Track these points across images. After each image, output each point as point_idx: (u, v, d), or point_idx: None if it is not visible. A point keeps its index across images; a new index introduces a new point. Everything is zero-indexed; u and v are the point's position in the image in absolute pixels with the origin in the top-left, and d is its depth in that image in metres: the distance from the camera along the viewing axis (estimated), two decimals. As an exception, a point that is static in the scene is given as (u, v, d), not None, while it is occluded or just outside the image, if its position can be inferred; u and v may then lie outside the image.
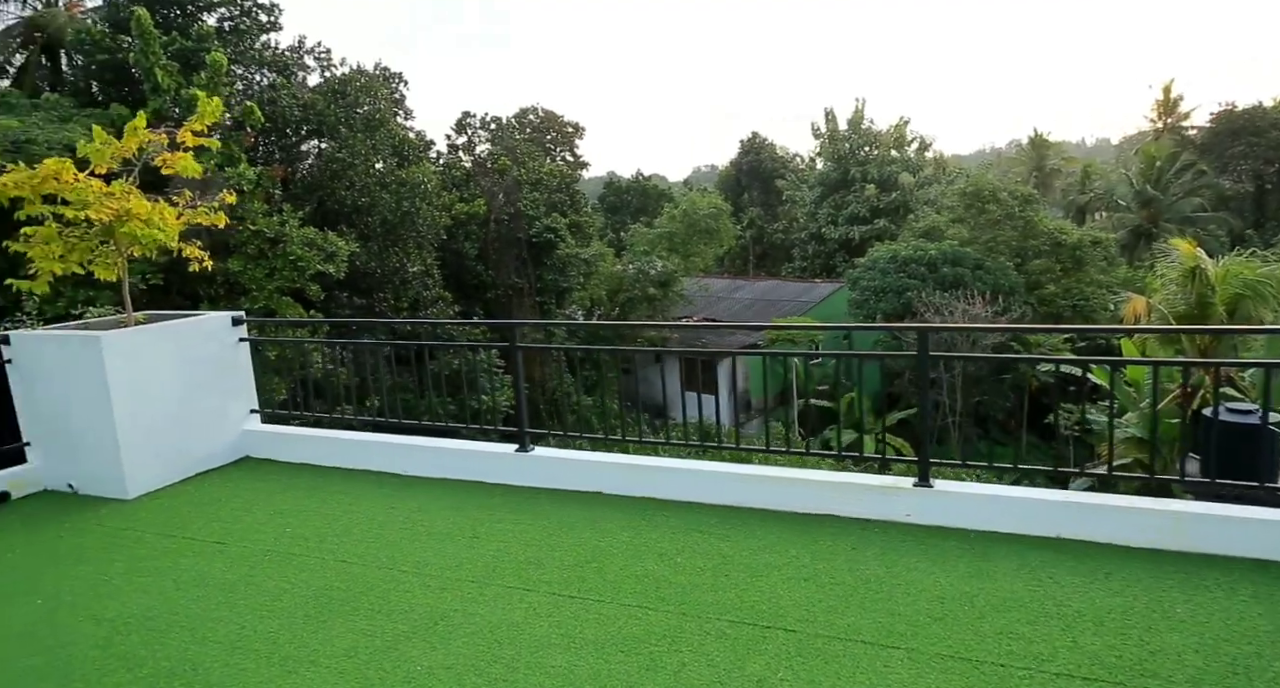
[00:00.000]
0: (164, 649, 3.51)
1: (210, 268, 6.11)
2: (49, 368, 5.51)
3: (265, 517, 4.99)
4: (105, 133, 5.66)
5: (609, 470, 5.04)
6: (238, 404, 6.11)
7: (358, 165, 19.27)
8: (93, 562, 4.49)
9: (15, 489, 5.61)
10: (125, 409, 5.33)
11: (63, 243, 5.31)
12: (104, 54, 16.63)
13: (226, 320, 6.01)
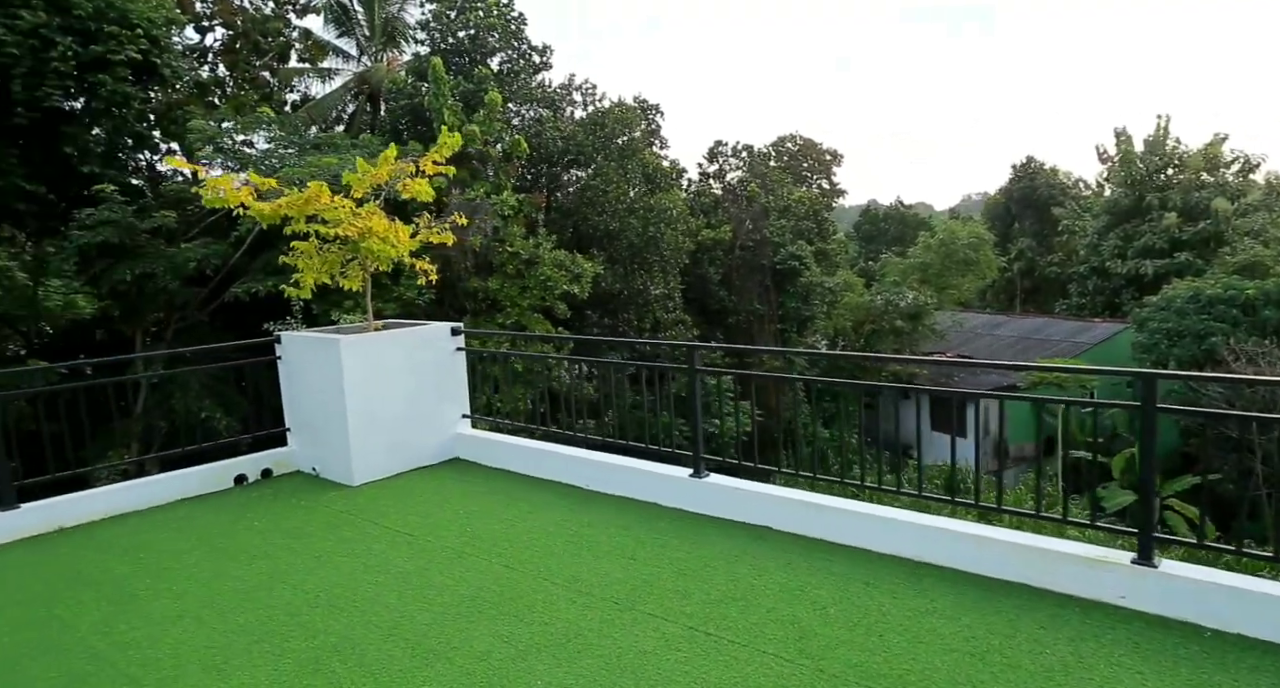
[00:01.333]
0: (336, 625, 3.85)
1: (435, 281, 6.71)
2: (304, 365, 6.37)
3: (454, 516, 5.34)
4: (366, 163, 6.48)
5: (780, 506, 4.77)
6: (452, 408, 6.65)
7: (610, 192, 20.41)
8: (311, 538, 5.07)
9: (276, 467, 6.53)
10: (357, 406, 6.01)
11: (320, 257, 6.13)
12: (406, 99, 19.19)
13: (446, 330, 6.57)
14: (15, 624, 4.03)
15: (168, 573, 4.59)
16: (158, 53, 17.96)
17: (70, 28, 16.76)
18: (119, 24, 16.98)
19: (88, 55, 16.71)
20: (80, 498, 5.62)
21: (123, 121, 18.98)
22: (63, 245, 17.17)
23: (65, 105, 16.97)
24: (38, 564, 4.85)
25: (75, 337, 20.75)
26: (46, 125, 17.18)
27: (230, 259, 17.00)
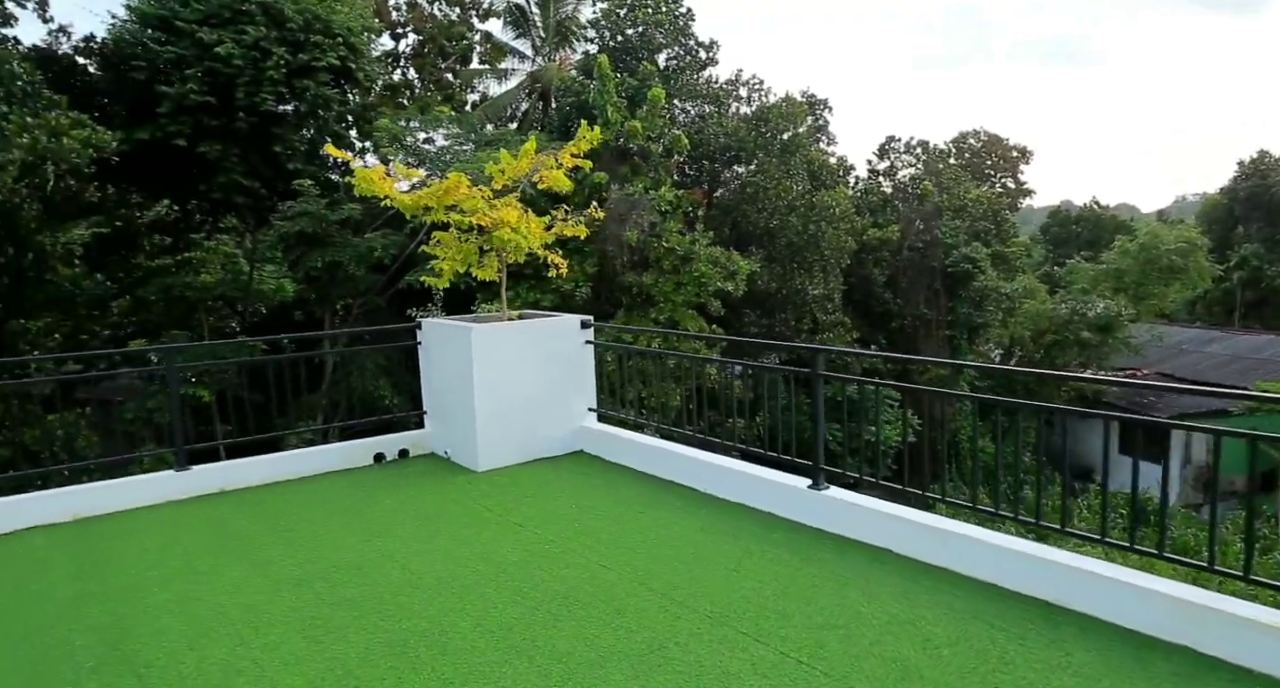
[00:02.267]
0: (430, 609, 3.90)
1: (564, 274, 6.73)
2: (440, 352, 6.60)
3: (565, 509, 5.32)
4: (508, 155, 6.61)
5: (902, 527, 4.36)
6: (579, 401, 6.66)
7: (771, 189, 19.97)
8: (429, 520, 5.22)
9: (413, 448, 6.82)
10: (485, 393, 6.14)
11: (457, 246, 6.32)
12: (573, 96, 19.68)
13: (576, 323, 6.58)
14: (164, 578, 4.40)
15: (298, 542, 4.86)
16: (354, 59, 19.45)
17: (284, 39, 18.49)
18: (323, 34, 18.53)
19: (296, 63, 18.37)
20: (242, 464, 6.12)
21: (324, 122, 20.74)
22: (270, 235, 19.05)
23: (277, 109, 18.74)
24: (195, 523, 5.29)
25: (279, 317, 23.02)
26: (262, 128, 19.07)
27: (406, 249, 18.14)
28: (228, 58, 17.65)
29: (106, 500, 5.54)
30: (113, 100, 19.39)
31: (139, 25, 18.87)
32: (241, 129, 18.45)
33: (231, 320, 22.50)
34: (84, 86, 19.64)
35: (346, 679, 3.28)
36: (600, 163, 18.46)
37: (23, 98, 15.49)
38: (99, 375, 20.28)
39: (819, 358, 4.77)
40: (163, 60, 18.16)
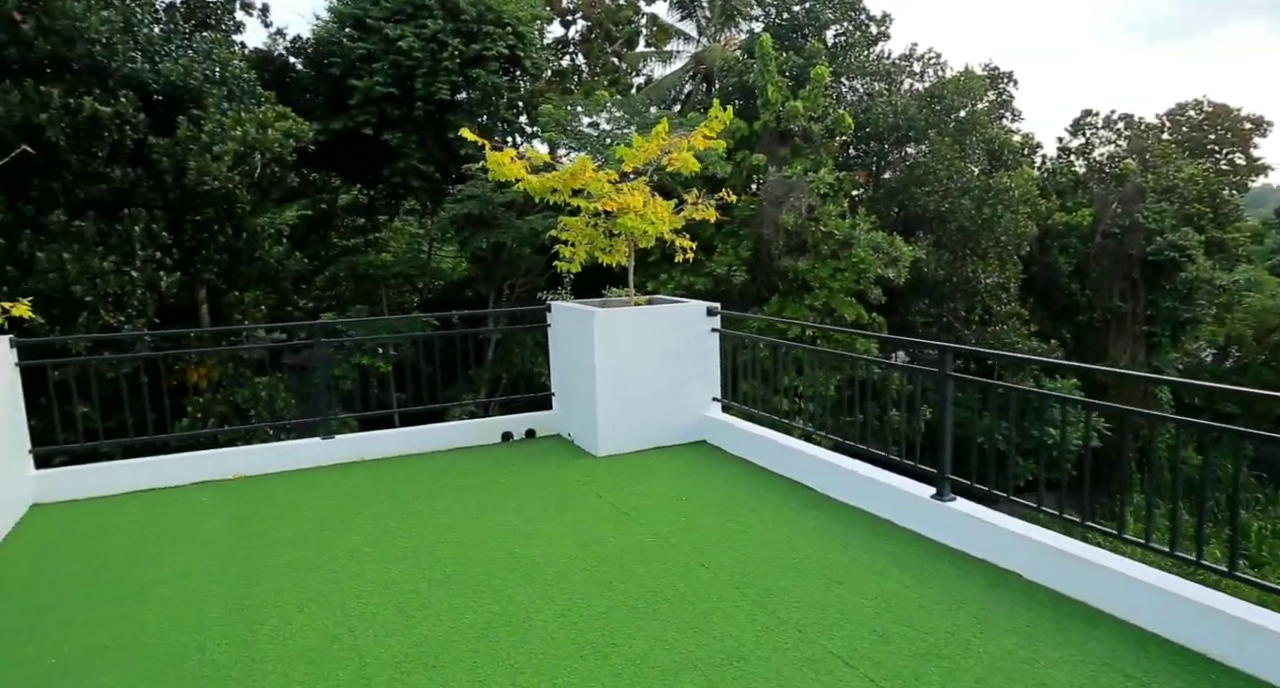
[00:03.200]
0: (521, 594, 3.92)
1: (691, 260, 6.56)
2: (567, 334, 6.66)
3: (674, 501, 5.20)
4: (640, 138, 6.53)
5: (1035, 550, 3.88)
6: (703, 390, 6.50)
7: (941, 171, 18.71)
8: (540, 503, 5.28)
9: (540, 429, 6.96)
10: (606, 377, 6.13)
11: (585, 231, 6.32)
12: (735, 77, 19.32)
13: (702, 310, 6.41)
14: (293, 539, 4.73)
15: (414, 515, 5.07)
16: (523, 47, 20.10)
17: (458, 30, 19.41)
18: (494, 24, 19.27)
19: (469, 53, 19.25)
20: (379, 436, 6.49)
21: (496, 109, 21.63)
22: (441, 217, 20.19)
23: (451, 97, 19.76)
24: (332, 490, 5.66)
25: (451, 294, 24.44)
26: (437, 115, 20.19)
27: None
28: (408, 51, 18.78)
29: (262, 462, 6.05)
30: (314, 94, 21.19)
31: (337, 25, 20.49)
32: (419, 117, 19.61)
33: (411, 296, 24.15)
34: (292, 83, 21.60)
35: (427, 658, 3.35)
36: (759, 145, 18.05)
37: (240, 95, 17.23)
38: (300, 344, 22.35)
39: (947, 357, 4.34)
40: (355, 56, 19.61)
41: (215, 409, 17.58)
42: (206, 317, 18.82)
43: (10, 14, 14.63)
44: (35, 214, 15.28)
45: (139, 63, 15.70)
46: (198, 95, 16.06)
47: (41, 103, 14.46)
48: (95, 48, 14.85)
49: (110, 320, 15.36)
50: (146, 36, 16.00)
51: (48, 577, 4.28)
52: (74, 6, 14.58)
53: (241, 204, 17.79)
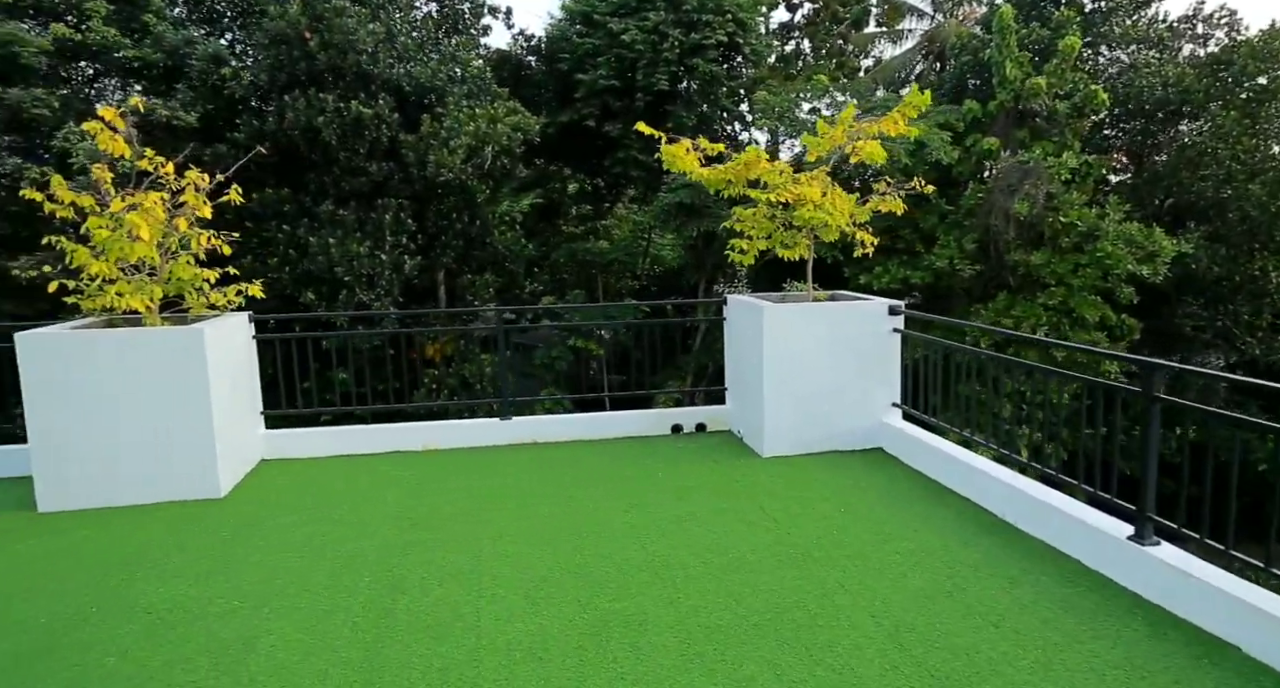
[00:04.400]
0: (644, 595, 3.86)
1: (870, 254, 6.09)
2: (741, 328, 6.48)
3: (831, 513, 4.87)
4: (825, 126, 6.17)
5: (1264, 621, 3.16)
6: (881, 394, 6.04)
7: (1223, 151, 16.01)
8: (692, 501, 5.16)
9: (711, 424, 6.85)
10: (774, 375, 5.89)
11: (755, 223, 6.09)
12: (970, 55, 17.80)
13: (884, 309, 5.94)
14: (455, 514, 5.01)
15: (568, 501, 5.18)
16: (742, 35, 19.89)
17: (679, 20, 19.61)
18: (714, 12, 19.24)
19: (689, 43, 19.39)
20: (552, 420, 6.73)
21: (714, 98, 21.66)
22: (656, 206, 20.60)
23: (669, 88, 20.03)
24: (502, 469, 5.93)
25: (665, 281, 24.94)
26: (656, 106, 20.57)
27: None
28: (631, 44, 19.26)
29: (447, 437, 6.50)
30: (545, 90, 22.44)
31: (568, 22, 21.50)
32: (639, 108, 20.06)
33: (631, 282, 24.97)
34: (526, 79, 23.01)
35: (537, 648, 3.39)
36: (994, 127, 16.51)
37: (476, 93, 18.65)
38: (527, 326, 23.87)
39: (1155, 376, 3.64)
40: (582, 51, 20.48)
41: (447, 382, 19.30)
42: (444, 297, 20.64)
43: (302, 32, 16.82)
44: (310, 204, 17.55)
45: (396, 68, 17.47)
46: (441, 95, 17.57)
47: (320, 108, 16.53)
48: (362, 57, 16.70)
49: (364, 298, 17.31)
50: (404, 44, 17.74)
51: (258, 524, 4.86)
52: (348, 22, 16.49)
53: (480, 194, 19.28)
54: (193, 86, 17.06)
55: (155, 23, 17.16)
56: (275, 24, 16.71)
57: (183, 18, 20.43)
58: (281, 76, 16.89)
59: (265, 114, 17.11)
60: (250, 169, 17.85)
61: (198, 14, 20.46)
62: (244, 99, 17.15)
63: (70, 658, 3.38)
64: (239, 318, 5.97)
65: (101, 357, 5.09)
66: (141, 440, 5.18)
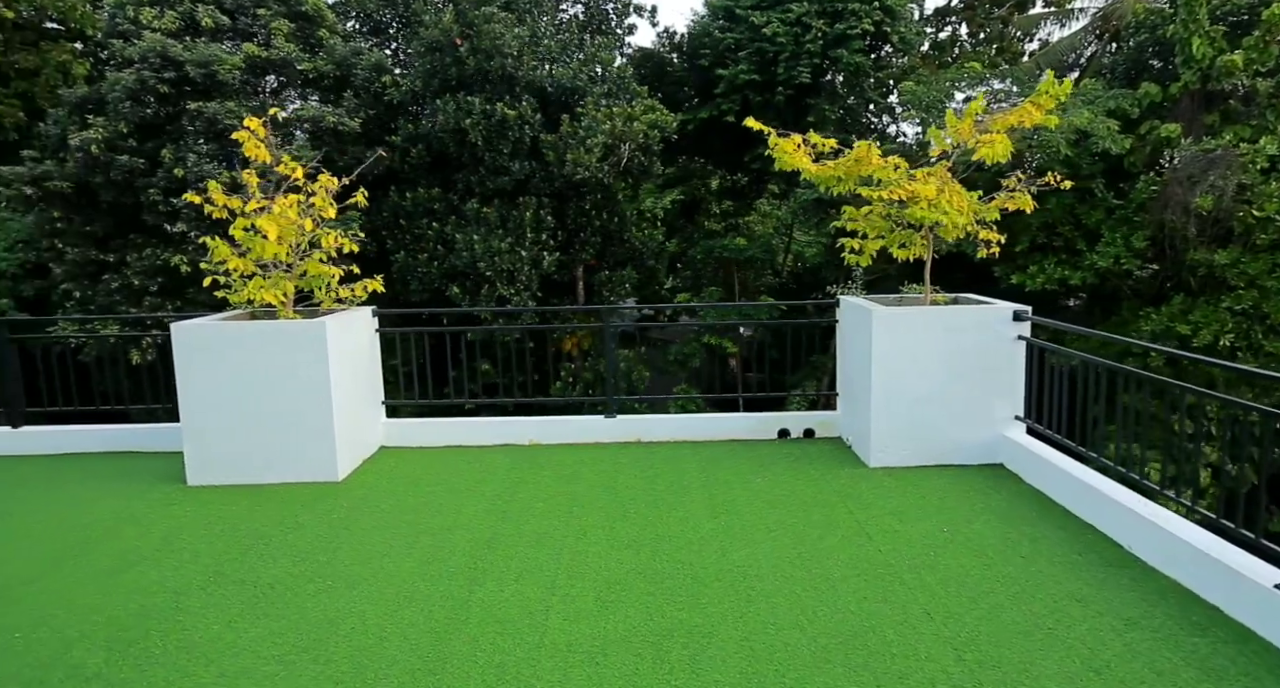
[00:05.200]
0: (714, 608, 3.75)
1: (996, 253, 5.63)
2: (852, 332, 6.18)
3: (934, 530, 4.55)
4: (953, 119, 5.77)
5: None
6: (1002, 405, 5.59)
7: None
8: (787, 508, 4.98)
9: (820, 429, 6.60)
10: (882, 381, 5.58)
11: (867, 222, 5.78)
12: (1148, 32, 16.17)
13: (1007, 314, 5.48)
14: (547, 510, 5.10)
15: (660, 502, 5.13)
16: (890, 22, 19.05)
17: (822, 11, 19.04)
18: (860, 0, 18.53)
19: (833, 33, 18.80)
20: (657, 420, 6.70)
21: (860, 90, 20.90)
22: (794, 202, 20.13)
23: (811, 81, 19.50)
24: (600, 466, 5.98)
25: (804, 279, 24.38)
26: (797, 100, 20.10)
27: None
28: (772, 36, 18.91)
29: (553, 432, 6.62)
30: (685, 86, 22.46)
31: (710, 18, 21.40)
32: (780, 102, 19.68)
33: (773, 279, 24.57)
34: (668, 77, 23.11)
35: (595, 653, 3.37)
36: (1175, 112, 14.90)
37: (616, 92, 18.92)
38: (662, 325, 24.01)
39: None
40: (723, 46, 20.33)
41: (582, 375, 19.77)
42: (581, 292, 21.12)
43: (454, 39, 17.69)
44: (458, 203, 18.46)
45: (539, 70, 18.03)
46: (581, 95, 17.96)
47: (467, 110, 17.33)
48: (508, 61, 17.36)
49: (504, 293, 18.02)
50: (547, 47, 18.27)
51: (365, 509, 5.16)
52: (496, 28, 17.18)
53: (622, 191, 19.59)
54: (357, 94, 18.36)
55: (328, 37, 18.58)
56: (430, 33, 17.68)
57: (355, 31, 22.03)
58: (434, 82, 17.85)
59: (419, 118, 18.14)
60: (405, 170, 18.97)
61: (367, 27, 22.00)
62: (401, 104, 18.26)
63: (185, 622, 3.71)
64: (363, 312, 6.35)
65: (238, 346, 5.56)
66: (271, 425, 5.62)
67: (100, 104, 17.14)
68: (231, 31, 18.41)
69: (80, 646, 3.51)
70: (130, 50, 16.81)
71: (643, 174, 19.65)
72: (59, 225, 17.44)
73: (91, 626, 3.68)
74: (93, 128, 16.49)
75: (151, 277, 16.70)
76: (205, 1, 17.74)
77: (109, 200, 16.62)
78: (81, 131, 16.56)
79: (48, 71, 21.06)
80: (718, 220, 26.04)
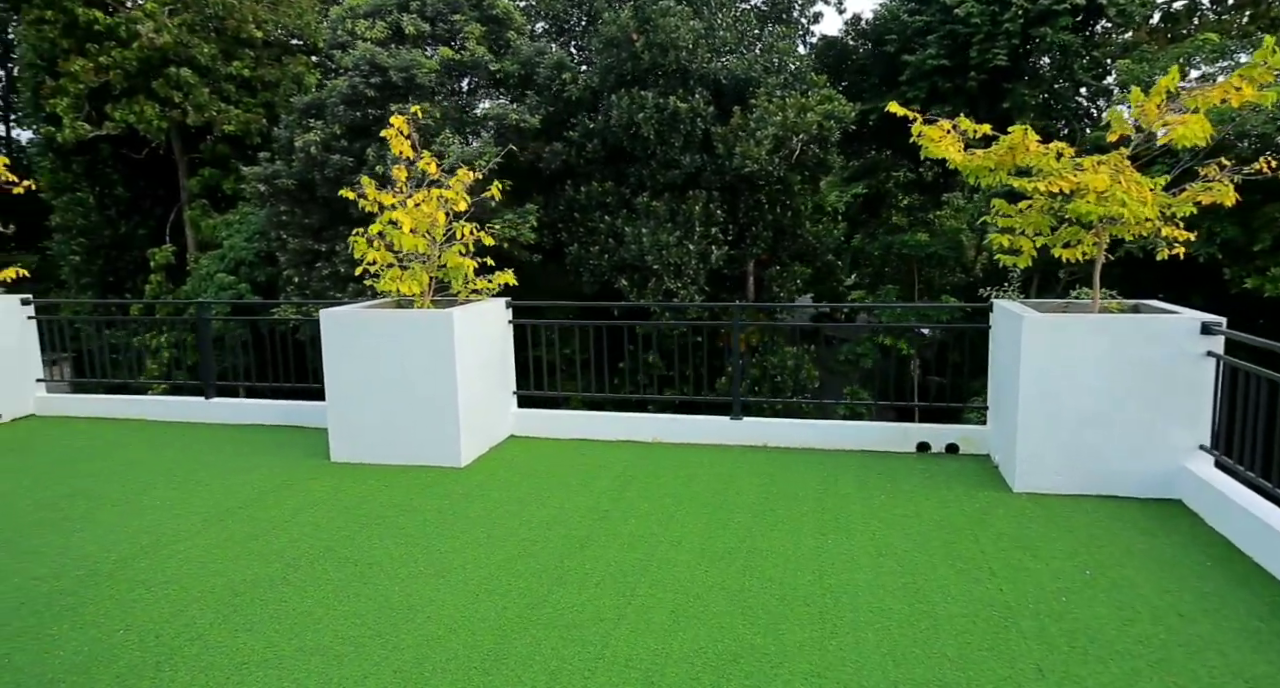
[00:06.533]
0: (791, 636, 3.45)
1: (1181, 256, 4.78)
2: (1005, 340, 5.52)
3: (1076, 571, 3.94)
4: (1139, 96, 5.00)
5: None
6: (1182, 433, 4.75)
7: None
8: (906, 531, 4.53)
9: (965, 445, 5.98)
10: (1033, 396, 4.93)
11: (1022, 217, 5.12)
12: None
13: (1194, 325, 4.64)
14: (647, 513, 4.95)
15: (769, 516, 4.84)
16: (1108, -9, 17.12)
17: (1027, -16, 17.41)
18: (1070, -30, 16.79)
19: (1035, 10, 17.16)
20: (786, 425, 6.36)
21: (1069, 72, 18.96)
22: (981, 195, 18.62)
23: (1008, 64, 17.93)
24: (716, 471, 5.75)
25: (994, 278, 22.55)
26: (990, 85, 18.57)
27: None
28: (966, 17, 17.60)
29: (677, 431, 6.48)
30: (869, 75, 21.42)
31: (899, 2, 20.26)
32: (971, 88, 18.31)
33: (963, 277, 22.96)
34: (851, 66, 22.17)
35: (654, 674, 3.19)
36: None
37: (792, 82, 18.39)
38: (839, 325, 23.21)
39: None
40: (911, 30, 19.18)
41: (749, 372, 19.44)
42: (752, 288, 20.76)
43: (630, 35, 17.95)
44: (630, 196, 18.72)
45: (714, 62, 17.86)
46: (755, 86, 17.59)
47: (640, 104, 17.51)
48: (682, 53, 17.34)
49: (671, 286, 18.07)
50: (722, 38, 18.06)
51: (476, 498, 5.27)
52: (671, 21, 17.22)
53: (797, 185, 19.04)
54: (539, 92, 19.08)
55: (515, 38, 19.46)
56: (608, 29, 18.01)
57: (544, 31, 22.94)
58: (611, 78, 18.18)
59: (596, 114, 18.56)
60: (581, 165, 19.47)
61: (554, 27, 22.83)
62: (580, 100, 18.77)
63: (287, 593, 3.95)
64: (496, 303, 6.52)
65: (374, 334, 5.88)
66: (401, 409, 5.90)
67: (320, 109, 19.02)
68: (431, 37, 19.75)
69: (195, 607, 3.83)
70: (345, 59, 18.50)
71: (818, 167, 18.97)
72: (284, 218, 19.53)
73: (210, 588, 4.01)
74: (313, 130, 18.32)
75: (354, 265, 18.37)
76: (409, 11, 19.16)
77: (324, 195, 18.38)
78: (304, 134, 18.46)
79: (285, 82, 23.68)
80: (903, 215, 24.64)
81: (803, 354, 19.26)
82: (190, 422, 7.46)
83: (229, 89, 22.81)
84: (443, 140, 17.88)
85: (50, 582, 4.13)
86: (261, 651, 3.41)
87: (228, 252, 21.78)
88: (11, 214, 29.66)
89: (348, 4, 19.79)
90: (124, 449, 6.64)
